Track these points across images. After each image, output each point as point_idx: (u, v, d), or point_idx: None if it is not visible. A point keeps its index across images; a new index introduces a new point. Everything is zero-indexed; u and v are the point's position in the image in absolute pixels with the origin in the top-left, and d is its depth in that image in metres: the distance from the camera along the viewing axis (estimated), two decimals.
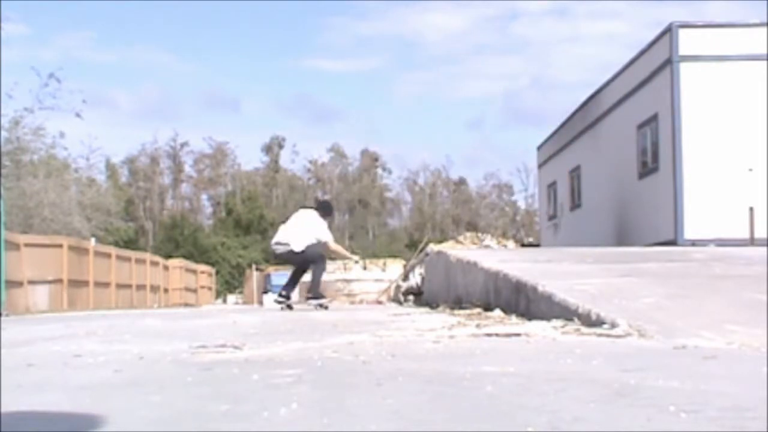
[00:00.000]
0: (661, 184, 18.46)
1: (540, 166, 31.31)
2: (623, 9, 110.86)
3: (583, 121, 24.58)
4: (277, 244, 12.82)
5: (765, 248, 11.11)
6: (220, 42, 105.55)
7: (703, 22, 18.63)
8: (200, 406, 2.95)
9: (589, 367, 3.85)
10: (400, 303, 15.55)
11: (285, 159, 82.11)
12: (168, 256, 41.76)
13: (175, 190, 79.37)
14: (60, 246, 22.17)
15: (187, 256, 49.05)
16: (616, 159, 21.59)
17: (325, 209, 13.03)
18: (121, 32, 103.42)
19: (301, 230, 12.73)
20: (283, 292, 12.88)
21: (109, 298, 25.57)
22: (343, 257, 13.76)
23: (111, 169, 70.83)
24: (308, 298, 13.06)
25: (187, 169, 79.88)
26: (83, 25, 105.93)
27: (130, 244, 49.35)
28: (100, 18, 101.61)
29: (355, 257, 14.19)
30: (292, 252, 12.74)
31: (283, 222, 13.30)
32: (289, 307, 12.55)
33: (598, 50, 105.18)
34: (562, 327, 5.75)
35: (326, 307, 12.47)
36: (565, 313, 6.18)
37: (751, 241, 16.50)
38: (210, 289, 43.36)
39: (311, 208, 13.22)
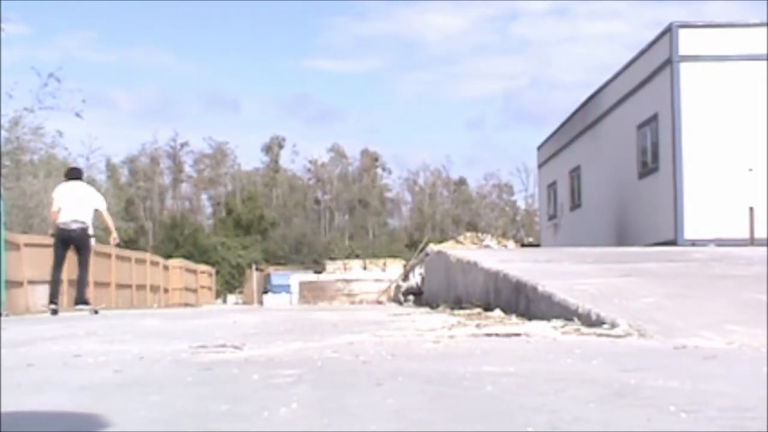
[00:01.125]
0: (661, 184, 18.46)
1: (540, 166, 31.32)
2: (623, 9, 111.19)
3: (583, 121, 24.58)
4: (75, 221, 11.55)
5: (765, 248, 11.11)
6: (220, 42, 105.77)
7: (703, 22, 18.64)
8: (200, 406, 2.95)
9: (589, 367, 3.85)
10: (400, 303, 15.55)
11: (285, 159, 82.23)
12: (168, 256, 41.73)
13: (175, 190, 79.38)
14: None
15: (187, 256, 49.02)
16: (616, 159, 21.59)
17: (81, 177, 12.25)
18: (121, 32, 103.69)
19: (88, 206, 11.64)
20: (56, 300, 11.61)
21: (109, 298, 25.57)
22: (109, 227, 12.35)
23: (111, 169, 70.89)
24: (78, 302, 11.81)
25: (187, 169, 80.00)
26: (83, 25, 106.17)
27: (130, 244, 49.34)
28: (100, 18, 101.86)
29: (114, 234, 12.52)
30: (85, 233, 11.55)
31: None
32: (55, 312, 11.29)
33: (598, 50, 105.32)
34: (562, 327, 5.75)
35: (97, 312, 11.56)
36: (565, 313, 6.17)
37: (751, 241, 16.51)
38: (210, 289, 43.34)
39: (72, 179, 12.06)
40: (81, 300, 11.81)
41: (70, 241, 11.81)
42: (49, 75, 30.21)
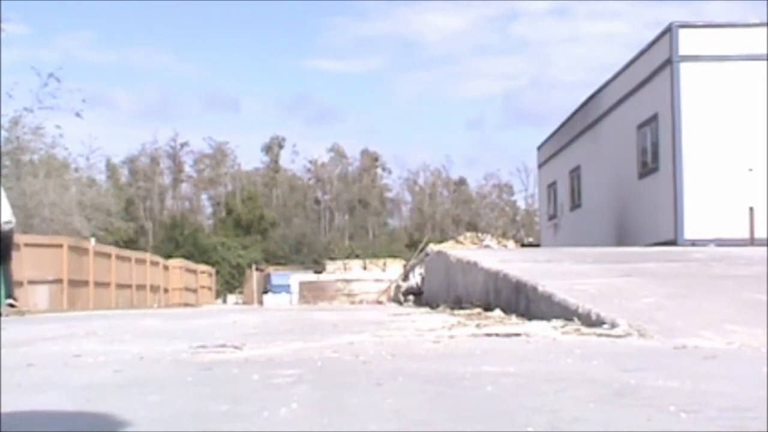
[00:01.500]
0: (661, 184, 18.46)
1: (540, 166, 31.32)
2: (623, 9, 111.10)
3: (583, 121, 24.58)
4: (7, 223, 11.26)
5: (765, 248, 11.11)
6: (220, 42, 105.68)
7: (703, 22, 18.64)
8: (200, 406, 2.95)
9: (589, 367, 3.85)
10: (400, 303, 15.55)
11: (285, 159, 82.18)
12: (168, 256, 41.72)
13: (175, 190, 79.35)
14: (60, 246, 22.17)
15: (187, 256, 49.00)
16: (616, 159, 21.59)
17: None
18: (121, 32, 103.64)
19: (5, 203, 11.26)
20: (14, 300, 11.30)
21: (109, 298, 25.56)
22: None
23: (111, 169, 70.92)
24: (11, 305, 11.64)
25: (187, 169, 79.96)
26: (83, 25, 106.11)
27: (130, 244, 49.38)
28: (100, 18, 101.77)
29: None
30: (11, 231, 11.33)
31: None
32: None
33: (598, 50, 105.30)
34: (562, 327, 5.75)
35: (23, 314, 11.36)
36: (565, 313, 6.18)
37: (751, 241, 16.51)
38: (210, 289, 43.33)
39: None
40: (7, 295, 11.82)
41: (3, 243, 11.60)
42: (49, 75, 30.33)
